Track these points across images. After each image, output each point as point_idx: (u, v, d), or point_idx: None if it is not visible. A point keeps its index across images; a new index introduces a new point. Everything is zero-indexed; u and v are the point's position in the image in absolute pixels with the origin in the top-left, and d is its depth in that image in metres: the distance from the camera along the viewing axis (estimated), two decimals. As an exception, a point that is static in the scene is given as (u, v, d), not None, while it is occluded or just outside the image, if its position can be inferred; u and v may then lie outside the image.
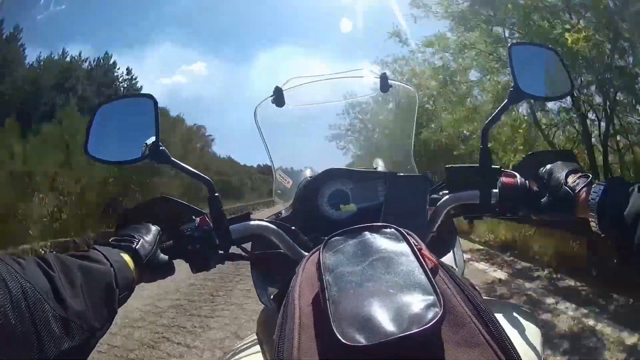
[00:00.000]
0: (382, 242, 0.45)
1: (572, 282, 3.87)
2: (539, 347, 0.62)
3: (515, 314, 0.69)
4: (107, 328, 0.48)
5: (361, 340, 0.35)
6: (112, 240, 0.59)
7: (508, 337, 0.37)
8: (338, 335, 0.35)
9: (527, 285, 3.98)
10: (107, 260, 0.52)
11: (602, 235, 0.58)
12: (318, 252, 0.47)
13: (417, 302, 0.37)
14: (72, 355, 0.41)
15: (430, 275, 0.40)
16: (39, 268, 0.43)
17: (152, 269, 0.60)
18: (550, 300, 3.42)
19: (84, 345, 0.43)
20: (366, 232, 0.47)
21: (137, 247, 0.58)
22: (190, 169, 0.66)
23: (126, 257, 0.56)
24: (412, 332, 0.34)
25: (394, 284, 0.39)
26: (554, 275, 4.16)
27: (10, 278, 0.38)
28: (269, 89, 0.81)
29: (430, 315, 0.36)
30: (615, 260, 3.20)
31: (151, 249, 0.60)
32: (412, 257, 0.42)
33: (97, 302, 0.47)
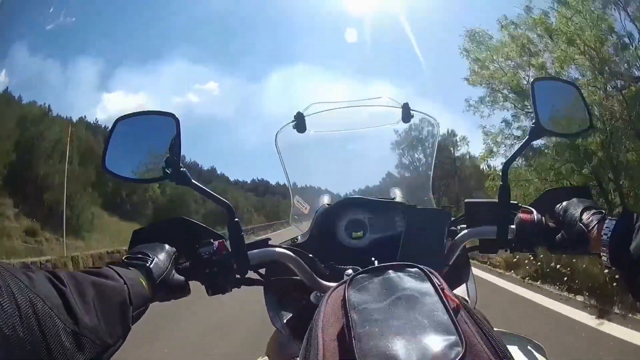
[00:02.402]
0: (406, 281, 0.46)
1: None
2: None
3: (526, 346, 0.69)
4: (121, 344, 0.48)
5: None
6: (124, 259, 0.59)
7: None
8: None
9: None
10: (121, 277, 0.51)
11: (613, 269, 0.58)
12: (342, 287, 0.47)
13: (440, 341, 0.38)
14: None
15: (453, 316, 0.41)
16: (49, 282, 0.42)
17: (167, 288, 0.60)
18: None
19: None
20: (390, 271, 0.48)
21: (150, 265, 0.58)
22: (211, 192, 0.66)
23: (139, 276, 0.56)
24: None
25: (417, 323, 0.40)
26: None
27: (19, 291, 0.37)
28: (279, 109, 0.80)
29: (452, 354, 0.37)
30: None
31: (165, 269, 0.60)
32: (436, 297, 0.44)
33: (110, 318, 0.46)
